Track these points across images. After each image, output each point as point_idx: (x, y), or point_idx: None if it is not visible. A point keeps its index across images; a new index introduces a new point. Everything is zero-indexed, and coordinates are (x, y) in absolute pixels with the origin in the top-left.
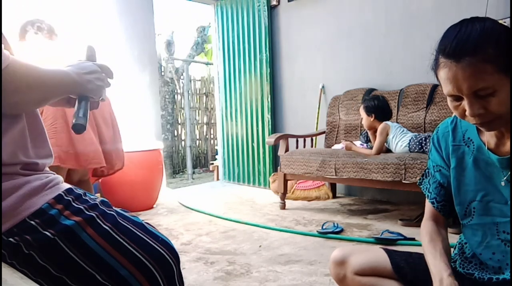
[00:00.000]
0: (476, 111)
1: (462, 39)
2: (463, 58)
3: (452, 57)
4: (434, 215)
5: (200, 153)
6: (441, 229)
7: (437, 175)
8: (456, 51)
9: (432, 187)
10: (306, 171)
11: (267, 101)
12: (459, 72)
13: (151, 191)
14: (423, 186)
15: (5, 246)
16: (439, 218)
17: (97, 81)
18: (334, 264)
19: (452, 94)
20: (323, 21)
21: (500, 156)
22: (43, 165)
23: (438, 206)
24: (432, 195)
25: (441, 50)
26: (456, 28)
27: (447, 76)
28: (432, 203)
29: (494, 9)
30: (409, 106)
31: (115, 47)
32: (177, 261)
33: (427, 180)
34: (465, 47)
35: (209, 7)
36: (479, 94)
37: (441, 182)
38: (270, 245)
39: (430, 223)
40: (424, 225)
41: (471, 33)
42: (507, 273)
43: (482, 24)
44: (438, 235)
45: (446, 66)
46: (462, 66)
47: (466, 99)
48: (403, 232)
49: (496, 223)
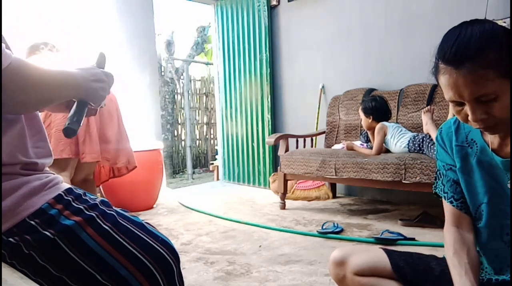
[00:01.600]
0: (478, 116)
1: (462, 44)
2: (463, 65)
3: (452, 64)
4: (456, 217)
5: (200, 153)
6: (465, 234)
7: (450, 173)
8: (456, 57)
9: (447, 186)
10: (306, 171)
11: (267, 101)
12: (460, 79)
13: (151, 191)
14: (438, 189)
15: (5, 246)
16: (462, 220)
17: (102, 90)
18: (334, 264)
19: (453, 100)
20: (323, 21)
21: (504, 157)
22: (42, 164)
23: (457, 204)
24: (449, 195)
25: (441, 56)
26: (456, 32)
27: (447, 83)
28: (451, 202)
29: (494, 9)
30: (409, 106)
31: (115, 47)
32: (177, 261)
33: (440, 181)
34: (465, 53)
35: (209, 7)
36: (481, 100)
37: (455, 180)
38: (270, 245)
39: (453, 229)
40: (446, 233)
41: (471, 38)
42: (507, 274)
43: (482, 27)
44: (463, 245)
45: (446, 72)
46: (463, 73)
47: (468, 105)
48: (403, 232)
49: (501, 224)
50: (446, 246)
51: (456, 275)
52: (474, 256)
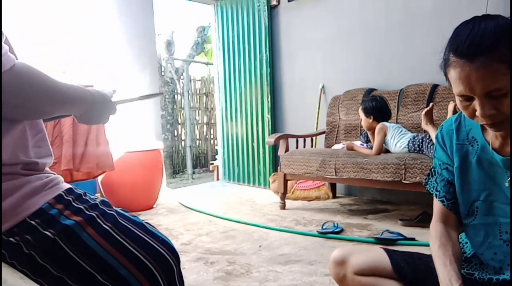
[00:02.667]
0: (487, 112)
1: (476, 38)
2: (477, 58)
3: (465, 57)
4: (444, 215)
5: (200, 153)
6: (451, 231)
7: (445, 173)
8: (470, 50)
9: (440, 185)
10: (306, 171)
11: (267, 101)
12: (473, 73)
13: (151, 191)
14: (429, 185)
15: (5, 246)
16: (449, 218)
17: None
18: (334, 264)
19: (463, 94)
20: (323, 21)
21: (504, 156)
22: (43, 164)
23: (448, 204)
24: (441, 194)
25: (453, 49)
26: (469, 26)
27: (459, 76)
28: (442, 201)
29: (494, 9)
30: (409, 106)
31: (115, 47)
32: (177, 261)
33: (434, 179)
34: (479, 46)
35: (209, 7)
36: (491, 95)
37: (449, 180)
38: (270, 245)
39: (440, 225)
40: (433, 227)
41: (485, 32)
42: (507, 273)
43: (496, 22)
44: (448, 239)
45: (458, 65)
46: (476, 66)
47: (478, 100)
48: (403, 232)
49: (499, 223)
50: (431, 240)
51: (441, 264)
52: (458, 251)
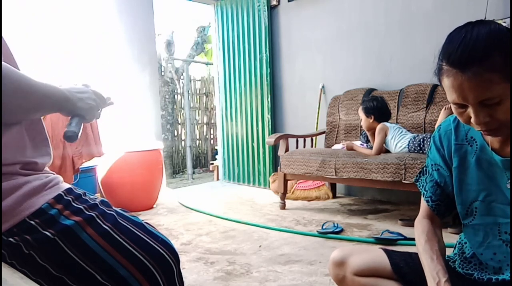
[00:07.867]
0: (482, 119)
1: (468, 46)
2: (469, 68)
3: (457, 67)
4: (430, 213)
5: (200, 153)
6: (436, 229)
7: (435, 174)
8: (462, 59)
9: (429, 185)
10: (306, 171)
11: (267, 101)
12: (465, 82)
13: (151, 191)
14: (420, 183)
15: (5, 246)
16: (435, 217)
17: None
18: (334, 264)
19: (457, 102)
20: (323, 21)
21: (504, 156)
22: (42, 164)
23: (432, 205)
24: (428, 194)
25: (446, 57)
26: (461, 33)
27: (451, 85)
28: (427, 201)
29: (494, 9)
30: (409, 106)
31: (115, 47)
32: (177, 261)
33: (424, 177)
34: (471, 55)
35: (209, 7)
36: (485, 103)
37: (438, 181)
38: (270, 245)
39: (426, 221)
40: (419, 223)
41: (477, 40)
42: (507, 273)
43: (488, 29)
44: (434, 234)
45: (451, 75)
46: (468, 76)
47: (472, 108)
48: (403, 232)
49: (498, 223)
50: (417, 234)
51: (428, 258)
52: (442, 248)
